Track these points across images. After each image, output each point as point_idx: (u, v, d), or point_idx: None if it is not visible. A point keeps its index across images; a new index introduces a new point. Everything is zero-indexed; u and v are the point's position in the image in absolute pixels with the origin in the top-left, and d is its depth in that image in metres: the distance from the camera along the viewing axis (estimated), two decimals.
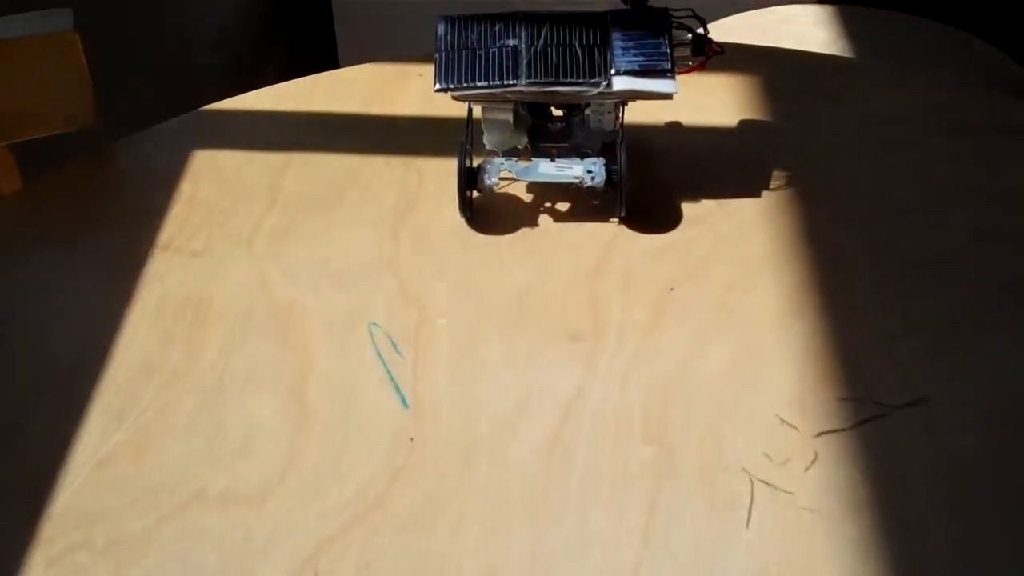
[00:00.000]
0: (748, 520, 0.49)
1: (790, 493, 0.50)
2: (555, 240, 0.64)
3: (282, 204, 0.68)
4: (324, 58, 1.82)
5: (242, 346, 0.59)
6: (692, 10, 0.63)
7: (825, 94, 0.75)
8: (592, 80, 0.60)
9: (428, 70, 0.78)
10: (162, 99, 1.24)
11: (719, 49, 0.63)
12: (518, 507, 0.50)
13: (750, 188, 0.67)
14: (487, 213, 0.66)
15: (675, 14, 0.63)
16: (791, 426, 0.53)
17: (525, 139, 0.65)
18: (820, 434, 0.52)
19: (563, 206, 0.66)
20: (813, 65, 0.83)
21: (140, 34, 1.32)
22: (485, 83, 0.61)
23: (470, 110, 0.64)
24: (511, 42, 0.61)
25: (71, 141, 0.74)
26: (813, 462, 0.51)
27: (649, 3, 0.64)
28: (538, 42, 0.61)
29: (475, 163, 0.64)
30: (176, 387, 0.57)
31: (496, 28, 0.62)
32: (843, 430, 0.52)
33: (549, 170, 0.62)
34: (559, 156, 0.63)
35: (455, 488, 0.51)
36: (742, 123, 0.72)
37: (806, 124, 0.72)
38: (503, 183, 0.65)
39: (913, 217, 0.64)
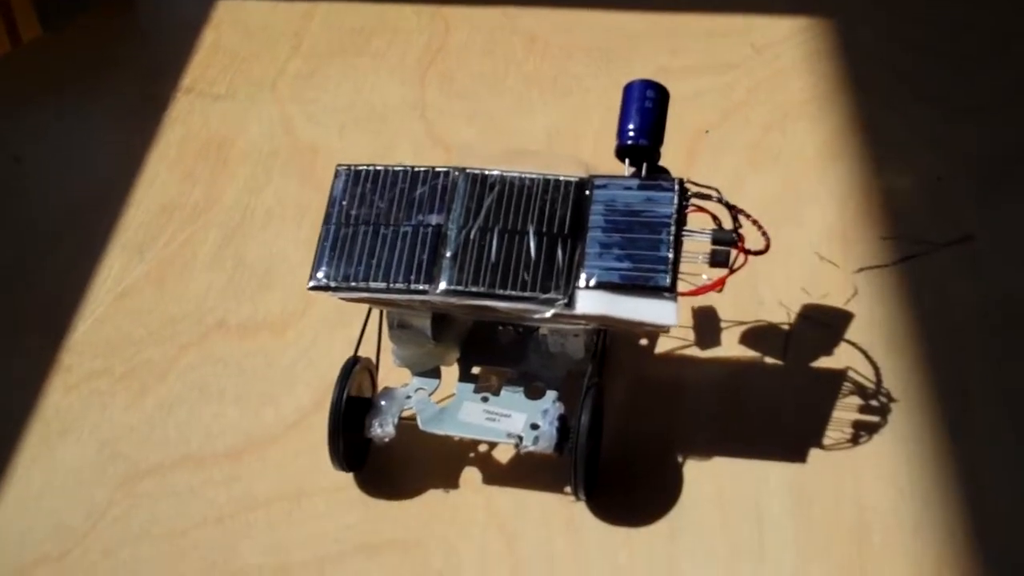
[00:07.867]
0: (785, 352, 0.47)
1: (828, 326, 0.48)
2: None
3: (307, 50, 0.66)
4: None
5: (266, 185, 0.57)
6: (717, 190, 0.41)
7: None
8: (544, 295, 0.39)
9: None
10: None
11: (763, 247, 0.41)
12: None
13: (785, 37, 0.64)
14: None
15: (693, 190, 0.41)
16: (830, 262, 0.51)
17: (455, 354, 0.44)
18: (860, 270, 0.50)
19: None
20: None
21: None
22: (383, 284, 0.40)
23: (370, 310, 0.44)
24: (433, 219, 0.40)
25: None
26: (853, 296, 0.49)
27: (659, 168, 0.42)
28: (474, 222, 0.40)
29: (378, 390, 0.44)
30: (198, 223, 0.55)
31: (418, 193, 0.41)
32: (884, 266, 0.50)
33: (474, 418, 0.41)
34: (504, 385, 0.42)
35: None
36: None
37: None
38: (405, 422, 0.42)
39: (960, 64, 0.61)
